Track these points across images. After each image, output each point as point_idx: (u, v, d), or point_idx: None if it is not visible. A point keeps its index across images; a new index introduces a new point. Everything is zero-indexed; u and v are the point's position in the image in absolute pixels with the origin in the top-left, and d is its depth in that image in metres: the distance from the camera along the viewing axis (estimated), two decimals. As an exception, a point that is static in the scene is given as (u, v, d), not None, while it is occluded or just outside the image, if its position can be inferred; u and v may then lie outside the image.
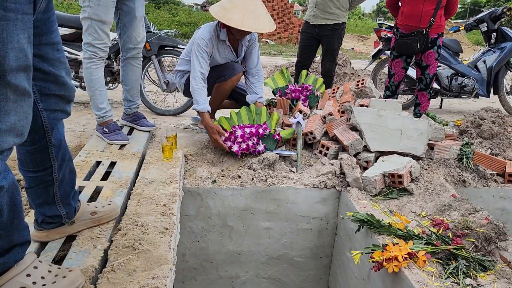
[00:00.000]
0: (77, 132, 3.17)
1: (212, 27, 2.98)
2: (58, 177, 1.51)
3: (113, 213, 1.78)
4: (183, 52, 3.29)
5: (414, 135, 2.81)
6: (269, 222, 2.72)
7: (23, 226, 1.29)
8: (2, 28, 0.99)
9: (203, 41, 2.91)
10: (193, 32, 13.53)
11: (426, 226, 2.13)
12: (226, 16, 2.76)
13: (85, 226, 1.68)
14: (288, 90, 3.56)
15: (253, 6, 2.82)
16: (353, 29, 29.05)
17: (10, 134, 1.07)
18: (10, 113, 1.05)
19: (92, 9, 2.64)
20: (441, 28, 3.85)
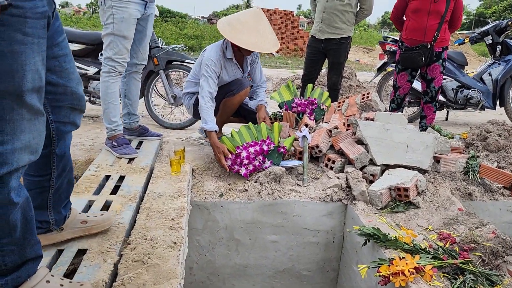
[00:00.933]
0: (87, 146, 3.22)
1: (218, 47, 3.04)
2: (55, 185, 1.54)
3: (105, 224, 1.77)
4: (190, 74, 3.33)
5: (420, 148, 2.83)
6: (275, 236, 2.73)
7: (35, 241, 1.32)
8: (21, 52, 1.05)
9: (211, 62, 2.95)
10: (199, 45, 13.64)
11: (432, 240, 2.14)
12: (237, 37, 2.82)
13: (74, 234, 1.69)
14: (294, 104, 3.57)
15: (262, 25, 2.90)
16: (358, 41, 29.18)
17: (26, 152, 1.13)
18: (25, 132, 1.12)
19: (115, 26, 2.74)
20: (445, 42, 3.88)
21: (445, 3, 3.72)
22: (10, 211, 1.17)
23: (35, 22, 1.09)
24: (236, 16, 2.99)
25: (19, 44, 1.05)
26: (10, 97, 1.06)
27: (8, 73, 1.04)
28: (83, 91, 4.23)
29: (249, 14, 2.96)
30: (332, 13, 4.17)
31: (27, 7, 1.06)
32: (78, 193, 2.18)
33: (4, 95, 1.05)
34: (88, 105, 4.59)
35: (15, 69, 1.05)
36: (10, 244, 1.22)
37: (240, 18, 2.93)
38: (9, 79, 1.04)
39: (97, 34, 4.30)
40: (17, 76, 1.05)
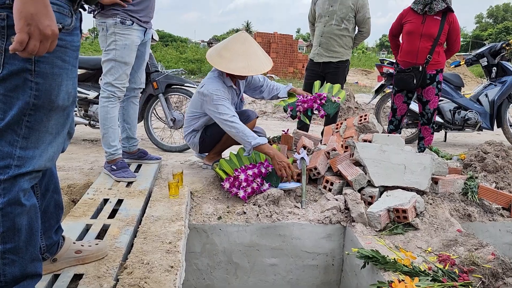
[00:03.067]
0: (86, 170, 3.23)
1: (216, 78, 3.00)
2: (41, 206, 1.53)
3: (100, 253, 1.77)
4: (188, 111, 3.26)
5: (418, 169, 2.84)
6: (274, 259, 2.71)
7: (37, 257, 1.34)
8: (59, 74, 1.26)
9: (219, 91, 2.90)
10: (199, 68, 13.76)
11: (432, 262, 2.13)
12: (230, 66, 2.83)
13: (68, 264, 1.69)
14: (299, 102, 3.30)
15: (251, 48, 2.93)
16: (356, 63, 29.52)
17: (44, 160, 1.30)
18: (46, 142, 1.30)
19: (117, 52, 2.79)
20: (439, 65, 3.94)
21: (438, 26, 3.80)
22: (17, 211, 1.24)
23: (72, 53, 1.31)
24: (223, 44, 3.00)
25: (58, 68, 1.25)
26: (43, 110, 1.25)
27: (47, 91, 1.24)
28: (84, 115, 4.30)
29: (236, 39, 2.98)
30: (329, 37, 4.24)
31: (68, 40, 1.28)
32: (76, 217, 2.18)
33: (39, 108, 1.24)
34: (87, 129, 4.64)
35: (52, 87, 1.25)
36: (12, 253, 1.26)
37: (228, 46, 2.94)
38: (46, 96, 1.24)
39: (98, 59, 4.37)
40: (53, 94, 1.25)
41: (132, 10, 2.79)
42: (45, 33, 1.07)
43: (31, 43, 1.06)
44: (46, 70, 1.22)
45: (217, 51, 2.96)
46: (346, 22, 4.19)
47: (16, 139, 1.23)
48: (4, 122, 1.20)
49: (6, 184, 1.22)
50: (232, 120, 2.84)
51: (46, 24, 1.07)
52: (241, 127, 2.84)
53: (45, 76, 1.22)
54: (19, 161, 1.24)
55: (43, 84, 1.22)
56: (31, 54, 1.08)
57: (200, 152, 3.37)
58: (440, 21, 3.80)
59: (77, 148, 4.22)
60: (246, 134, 2.82)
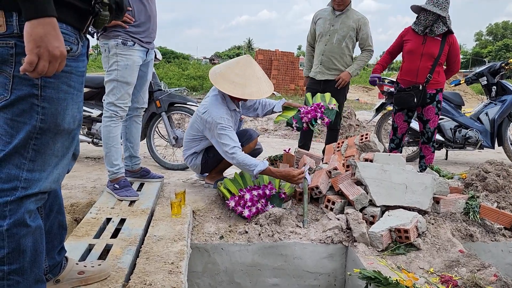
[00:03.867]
0: (88, 189, 3.24)
1: (220, 104, 3.00)
2: (45, 227, 1.53)
3: (103, 274, 1.77)
4: (188, 134, 3.27)
5: (419, 189, 2.85)
6: (276, 279, 2.70)
7: (41, 278, 1.35)
8: (65, 99, 1.30)
9: (223, 119, 2.92)
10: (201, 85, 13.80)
11: (434, 283, 2.12)
12: (246, 92, 2.89)
13: (71, 285, 1.69)
14: (302, 113, 3.27)
15: (258, 71, 3.00)
16: (357, 80, 29.69)
17: (49, 181, 1.33)
18: (52, 165, 1.33)
19: (119, 72, 2.84)
20: (439, 84, 3.98)
21: (439, 46, 3.85)
22: (23, 232, 1.26)
23: (77, 78, 1.34)
24: (230, 69, 3.00)
25: (63, 93, 1.29)
26: (49, 134, 1.28)
27: (53, 115, 1.27)
28: (87, 133, 4.34)
29: (244, 64, 3.01)
30: (330, 55, 4.29)
31: (73, 66, 1.32)
32: (79, 237, 2.19)
33: (45, 132, 1.27)
34: (90, 147, 4.66)
35: (58, 112, 1.28)
36: (17, 274, 1.27)
37: (236, 71, 2.96)
38: (52, 119, 1.27)
39: (101, 77, 4.41)
40: (59, 118, 1.29)
41: (134, 31, 2.85)
42: (54, 54, 1.12)
43: (41, 64, 1.11)
44: (52, 95, 1.26)
45: (224, 77, 2.95)
46: (347, 41, 4.24)
47: (23, 162, 1.26)
48: (12, 145, 1.24)
49: (12, 205, 1.24)
50: (233, 152, 2.87)
51: (55, 45, 1.12)
52: (241, 158, 2.86)
53: (51, 100, 1.26)
54: (25, 183, 1.26)
55: (49, 108, 1.26)
56: (40, 74, 1.13)
57: (201, 173, 3.39)
58: (441, 41, 3.85)
59: (80, 166, 4.24)
60: (247, 164, 2.86)
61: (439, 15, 3.70)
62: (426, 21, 3.82)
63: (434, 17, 3.76)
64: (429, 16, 3.77)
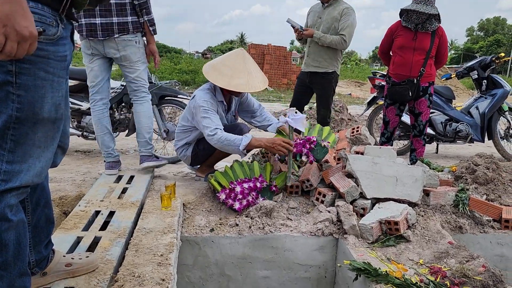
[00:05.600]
0: (78, 182, 3.21)
1: (208, 90, 3.03)
2: (31, 220, 1.51)
3: (91, 266, 1.74)
4: (180, 125, 3.28)
5: (409, 181, 2.85)
6: (267, 271, 2.70)
7: (25, 272, 1.32)
8: (42, 86, 1.23)
9: (206, 102, 2.93)
10: (193, 79, 13.79)
11: (423, 274, 2.13)
12: (231, 83, 2.87)
13: (58, 277, 1.66)
14: None
15: (249, 65, 2.97)
16: (350, 75, 29.78)
17: (31, 174, 1.26)
18: (34, 157, 1.26)
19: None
20: (431, 77, 3.99)
21: (429, 40, 3.86)
22: (4, 227, 1.22)
23: (56, 63, 1.27)
24: (222, 61, 3.02)
25: (41, 80, 1.22)
26: (27, 123, 1.22)
27: (30, 103, 1.21)
28: (76, 126, 4.29)
29: (234, 56, 3.00)
30: (316, 47, 4.27)
31: (51, 50, 1.24)
32: (67, 229, 2.17)
33: (23, 121, 1.21)
34: (80, 140, 4.62)
35: (35, 99, 1.22)
36: (0, 268, 1.24)
37: (227, 63, 2.96)
38: (30, 108, 1.21)
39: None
40: (36, 106, 1.22)
41: None
42: (23, 34, 1.04)
43: (8, 45, 1.04)
44: (28, 82, 1.19)
45: (215, 68, 2.96)
46: (331, 32, 4.18)
47: (1, 153, 1.20)
48: None
49: None
50: (214, 133, 2.86)
51: (23, 25, 1.04)
52: (224, 136, 2.85)
53: (27, 88, 1.19)
54: (5, 176, 1.21)
55: (25, 96, 1.19)
56: (9, 56, 1.06)
57: (191, 165, 3.37)
58: (431, 35, 3.86)
59: (70, 160, 4.20)
60: (230, 140, 2.85)
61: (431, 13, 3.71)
62: (419, 19, 3.82)
63: (426, 15, 3.77)
64: (422, 15, 3.78)
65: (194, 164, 3.35)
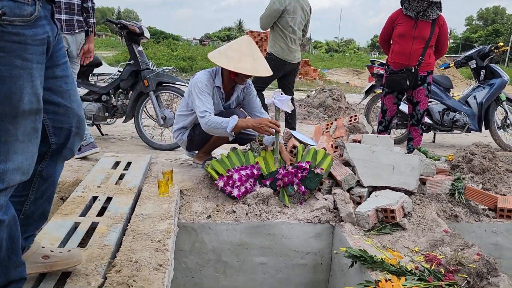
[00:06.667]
0: (75, 167, 3.21)
1: (208, 73, 3.04)
2: (27, 211, 1.43)
3: (71, 261, 1.58)
4: (180, 107, 3.26)
5: (406, 170, 2.87)
6: (263, 257, 2.72)
7: (20, 262, 1.31)
8: (20, 76, 1.10)
9: (202, 83, 2.94)
10: (191, 66, 13.75)
11: (418, 262, 2.15)
12: (239, 66, 2.85)
13: (34, 270, 1.50)
14: (279, 175, 2.88)
15: (255, 51, 2.96)
16: (348, 63, 29.67)
17: (17, 172, 1.16)
18: (18, 153, 1.15)
19: None
20: (430, 66, 3.98)
21: (429, 29, 3.84)
22: None
23: (34, 49, 1.14)
24: (228, 46, 3.02)
25: (18, 69, 1.10)
26: (6, 118, 1.10)
27: (6, 97, 1.09)
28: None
29: (241, 42, 3.01)
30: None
31: (28, 35, 1.12)
32: (65, 215, 2.17)
33: (1, 117, 1.09)
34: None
35: (13, 92, 1.09)
36: None
37: (233, 47, 2.96)
38: (7, 101, 1.09)
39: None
40: (15, 98, 1.10)
41: None
42: None
43: None
44: (3, 73, 1.08)
45: (221, 53, 2.96)
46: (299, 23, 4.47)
47: None
48: None
49: None
50: (203, 115, 2.87)
51: None
52: (212, 119, 2.86)
53: (2, 80, 1.08)
54: None
55: (1, 89, 1.08)
56: None
57: (188, 149, 3.38)
58: (431, 24, 3.84)
59: (66, 145, 4.19)
60: (217, 123, 2.85)
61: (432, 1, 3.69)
62: (420, 7, 3.80)
63: (428, 3, 3.74)
64: (423, 3, 3.76)
65: (191, 149, 3.35)
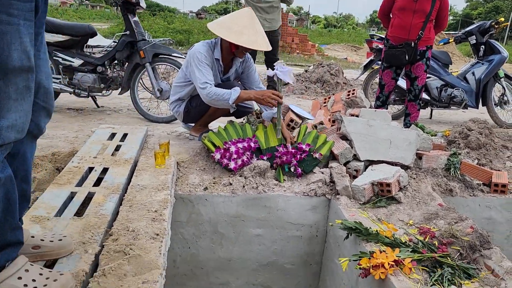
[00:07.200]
0: (70, 138, 3.19)
1: (207, 44, 2.99)
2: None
3: (63, 251, 1.54)
4: (177, 78, 3.21)
5: (403, 144, 2.87)
6: (259, 229, 2.75)
7: (17, 226, 1.30)
8: (6, 31, 1.09)
9: (201, 54, 2.89)
10: (187, 39, 13.50)
11: (413, 234, 2.18)
12: (240, 39, 2.78)
13: None
14: (278, 153, 2.85)
15: (257, 25, 2.90)
16: (346, 39, 29.34)
17: (12, 130, 1.15)
18: (11, 111, 1.14)
19: None
20: (430, 41, 3.93)
21: (430, 3, 3.77)
22: None
23: (21, 5, 1.12)
24: (229, 18, 2.96)
25: (4, 25, 1.09)
26: None
27: None
28: (68, 83, 4.21)
29: (243, 14, 2.93)
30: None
31: None
32: (61, 185, 2.16)
33: None
34: (72, 98, 4.55)
35: (1, 48, 1.09)
36: None
37: (234, 20, 2.89)
38: None
39: (83, 25, 4.25)
40: (3, 55, 1.09)
41: None
42: None
43: None
44: None
45: (222, 25, 2.89)
46: None
47: None
48: None
49: None
50: (204, 87, 2.83)
51: None
52: (213, 90, 2.82)
53: None
54: None
55: None
56: None
57: (184, 121, 3.35)
58: None
59: (62, 117, 4.15)
60: (219, 94, 2.82)
61: None
62: None
63: None
64: None
65: (187, 121, 3.33)
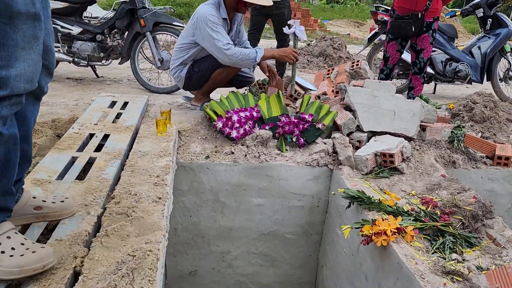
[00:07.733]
0: (70, 106, 3.16)
1: (213, 5, 2.95)
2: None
3: (65, 212, 1.53)
4: (177, 43, 3.15)
5: (407, 116, 2.83)
6: (261, 199, 2.74)
7: (10, 191, 1.26)
8: None
9: (213, 16, 2.87)
10: (188, 13, 13.25)
11: (415, 204, 2.17)
12: None
13: (26, 221, 1.47)
14: (281, 122, 2.81)
15: None
16: (349, 15, 28.85)
17: (21, 80, 1.13)
18: (20, 60, 1.12)
19: None
20: (437, 12, 3.84)
21: (438, -27, 3.67)
22: None
23: None
24: None
25: None
26: (3, 19, 1.07)
27: None
28: (67, 51, 4.14)
29: None
30: None
31: None
32: (61, 150, 2.15)
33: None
34: (72, 67, 4.49)
35: None
36: None
37: None
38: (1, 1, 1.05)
39: (81, -8, 4.15)
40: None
41: None
42: None
43: None
44: None
45: None
46: None
47: None
48: None
49: None
50: (227, 48, 2.85)
51: None
52: (238, 50, 2.88)
53: None
54: None
55: None
56: None
57: (185, 88, 3.31)
58: None
59: (61, 86, 4.10)
60: (245, 53, 2.89)
61: None
62: None
63: None
64: None
65: (187, 88, 3.28)
